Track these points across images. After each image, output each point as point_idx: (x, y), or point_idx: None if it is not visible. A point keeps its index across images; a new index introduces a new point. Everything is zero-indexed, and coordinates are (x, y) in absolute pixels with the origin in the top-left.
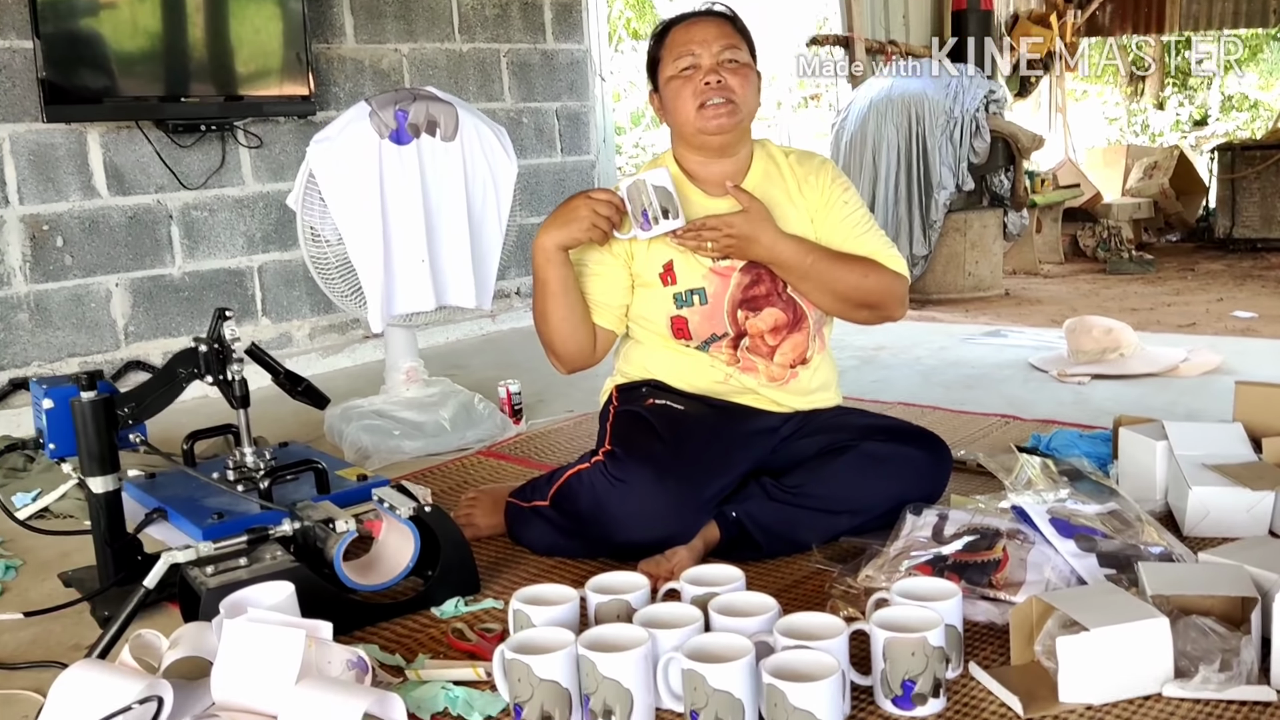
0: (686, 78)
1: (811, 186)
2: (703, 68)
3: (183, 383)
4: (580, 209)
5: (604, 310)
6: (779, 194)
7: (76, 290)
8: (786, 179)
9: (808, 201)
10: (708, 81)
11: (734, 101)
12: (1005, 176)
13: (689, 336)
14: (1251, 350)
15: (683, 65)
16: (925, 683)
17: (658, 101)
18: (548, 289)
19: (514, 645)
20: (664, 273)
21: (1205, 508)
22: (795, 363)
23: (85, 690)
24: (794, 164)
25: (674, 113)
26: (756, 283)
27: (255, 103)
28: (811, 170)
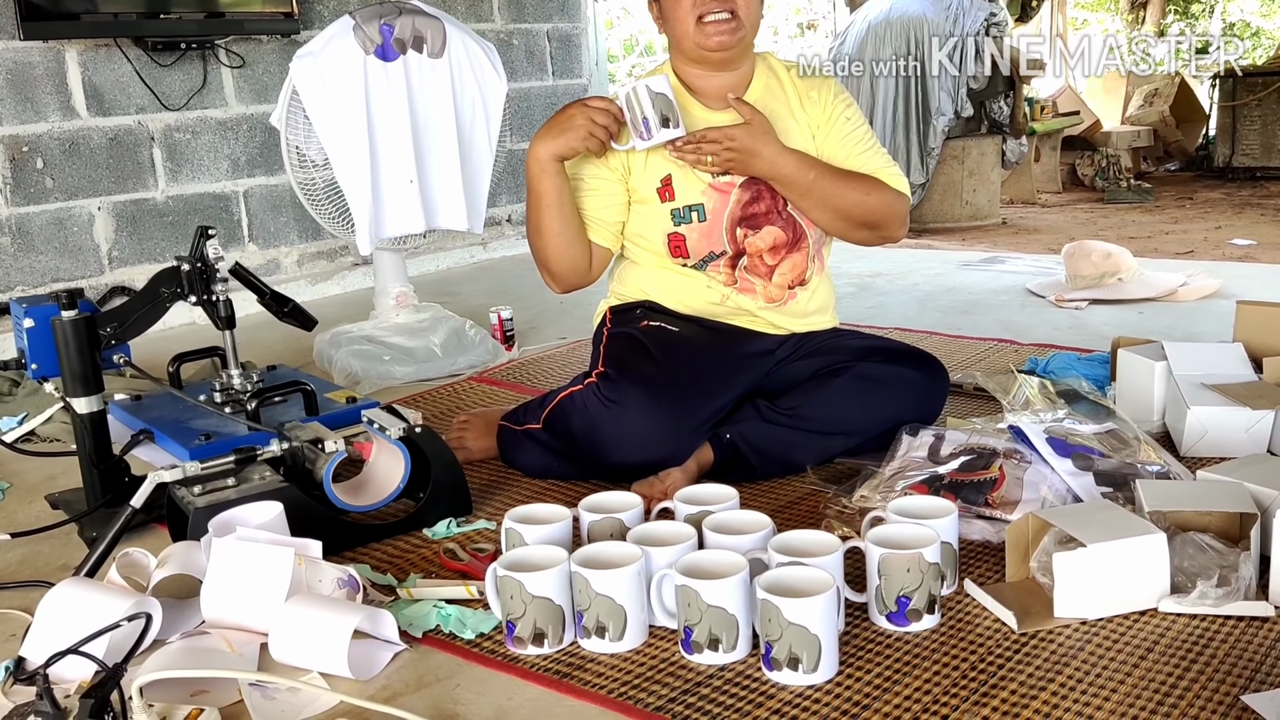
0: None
1: (814, 102)
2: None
3: (166, 302)
4: (576, 117)
5: (600, 227)
6: (780, 108)
7: (58, 214)
8: (789, 93)
9: (809, 117)
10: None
11: (737, 15)
12: (1004, 103)
13: (686, 255)
14: (1250, 275)
15: None
16: (920, 599)
17: (656, 10)
18: (542, 201)
19: (506, 563)
20: (661, 188)
21: (1203, 427)
22: (794, 283)
23: (73, 607)
24: (796, 78)
25: (673, 24)
26: (756, 199)
27: (236, 19)
28: (814, 85)
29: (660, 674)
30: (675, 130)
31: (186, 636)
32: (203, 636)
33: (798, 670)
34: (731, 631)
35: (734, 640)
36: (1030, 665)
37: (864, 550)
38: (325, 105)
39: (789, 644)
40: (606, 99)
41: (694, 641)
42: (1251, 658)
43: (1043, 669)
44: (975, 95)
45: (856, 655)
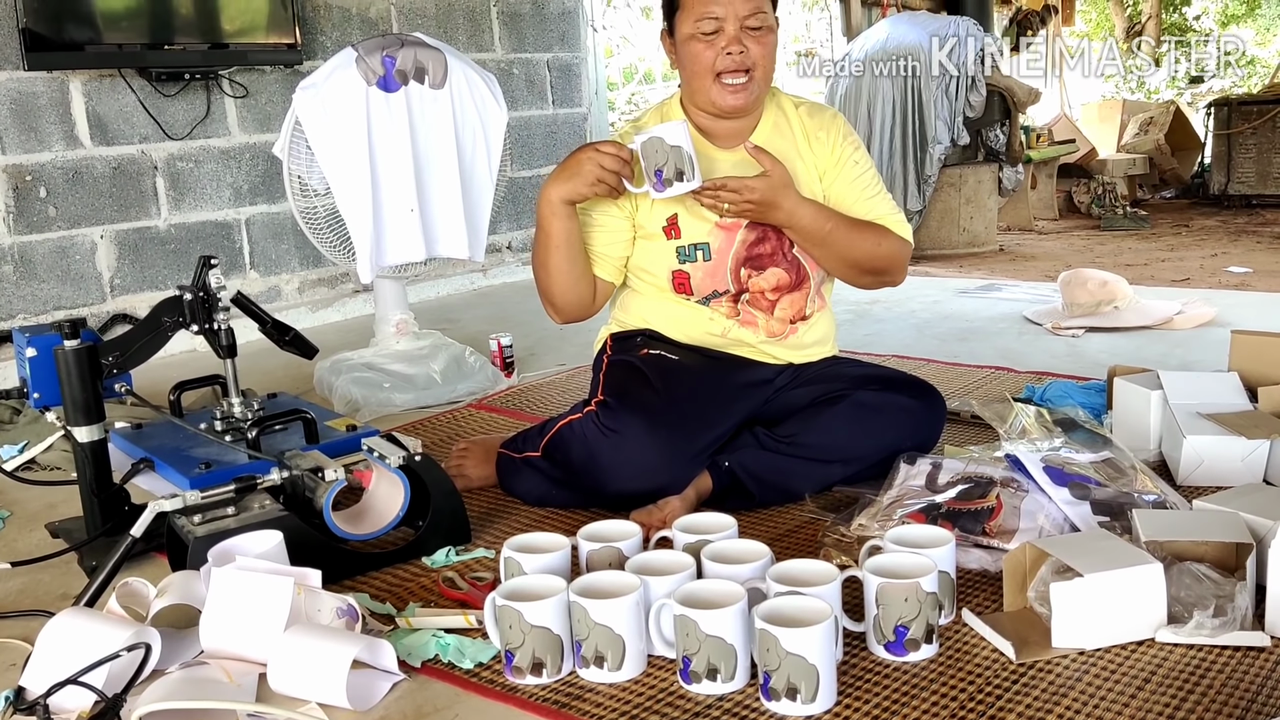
0: (707, 42)
1: (822, 143)
2: (725, 33)
3: (168, 331)
4: (585, 164)
5: (604, 262)
6: (788, 147)
7: (61, 242)
8: (796, 132)
9: (816, 157)
10: (729, 51)
11: (754, 75)
12: (1001, 131)
13: (690, 292)
14: (1246, 303)
15: (704, 28)
16: (918, 628)
17: (670, 46)
18: (550, 241)
19: (505, 592)
20: (668, 226)
21: (1199, 456)
22: (795, 319)
23: (72, 637)
24: (804, 116)
25: (689, 74)
26: (762, 240)
27: (240, 51)
28: (822, 125)
29: (659, 704)
30: (690, 184)
31: (185, 666)
32: (201, 666)
33: (796, 700)
34: (730, 661)
35: (732, 670)
36: (1029, 696)
37: (862, 579)
38: (327, 135)
39: (787, 674)
40: (617, 144)
41: (692, 671)
42: (1248, 688)
43: (1041, 699)
44: (972, 123)
45: (855, 685)
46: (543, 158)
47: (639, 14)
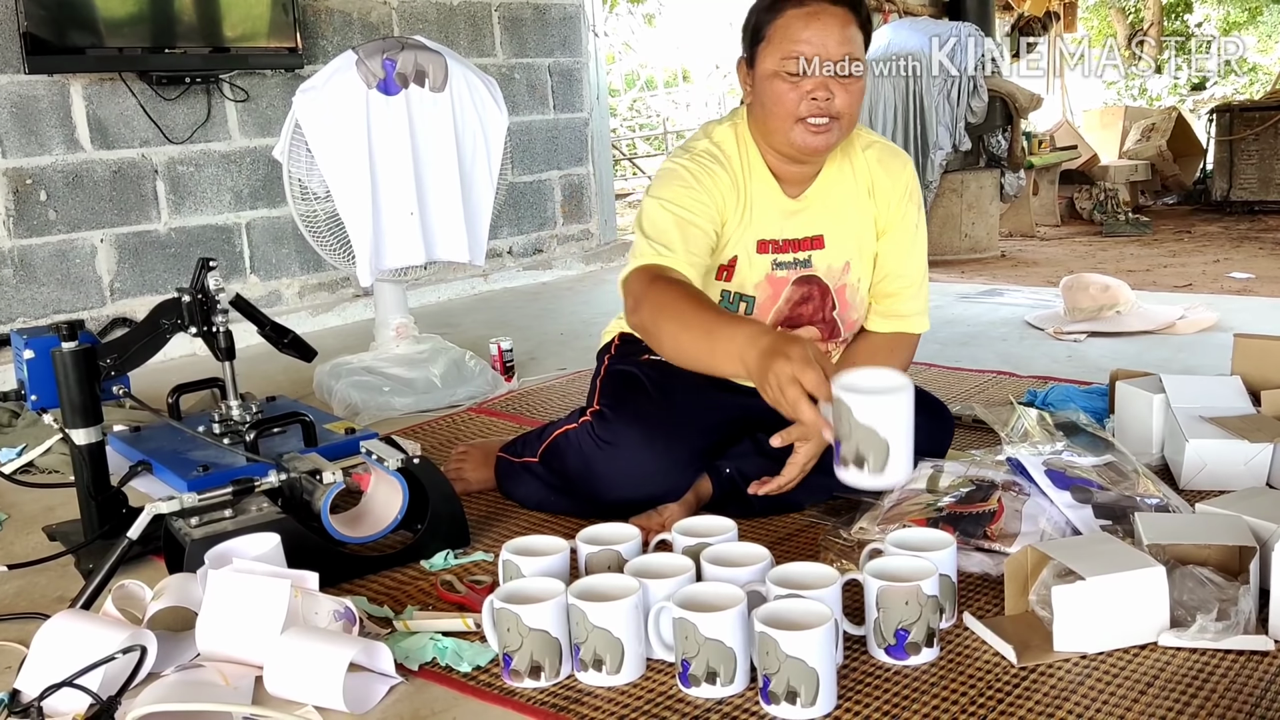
0: (792, 83)
1: (885, 195)
2: (813, 76)
3: (166, 334)
4: (783, 375)
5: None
6: (846, 196)
7: (61, 246)
8: (859, 181)
9: (877, 208)
10: (814, 96)
11: (838, 121)
12: (1002, 137)
13: None
14: (1248, 308)
15: (790, 68)
16: (919, 632)
17: (747, 76)
18: (695, 360)
19: (503, 595)
20: (726, 266)
21: (1202, 460)
22: None
23: (68, 640)
24: (873, 163)
25: (768, 113)
26: (806, 300)
27: (241, 55)
28: (889, 174)
29: (658, 707)
30: (869, 477)
31: (181, 669)
32: (198, 669)
33: (796, 704)
34: (729, 664)
35: (732, 673)
36: (1030, 700)
37: (862, 583)
38: (328, 138)
39: (787, 677)
40: (823, 378)
41: (691, 674)
42: (1251, 692)
43: (1043, 703)
44: (973, 129)
45: (855, 689)
46: (544, 162)
47: (641, 21)
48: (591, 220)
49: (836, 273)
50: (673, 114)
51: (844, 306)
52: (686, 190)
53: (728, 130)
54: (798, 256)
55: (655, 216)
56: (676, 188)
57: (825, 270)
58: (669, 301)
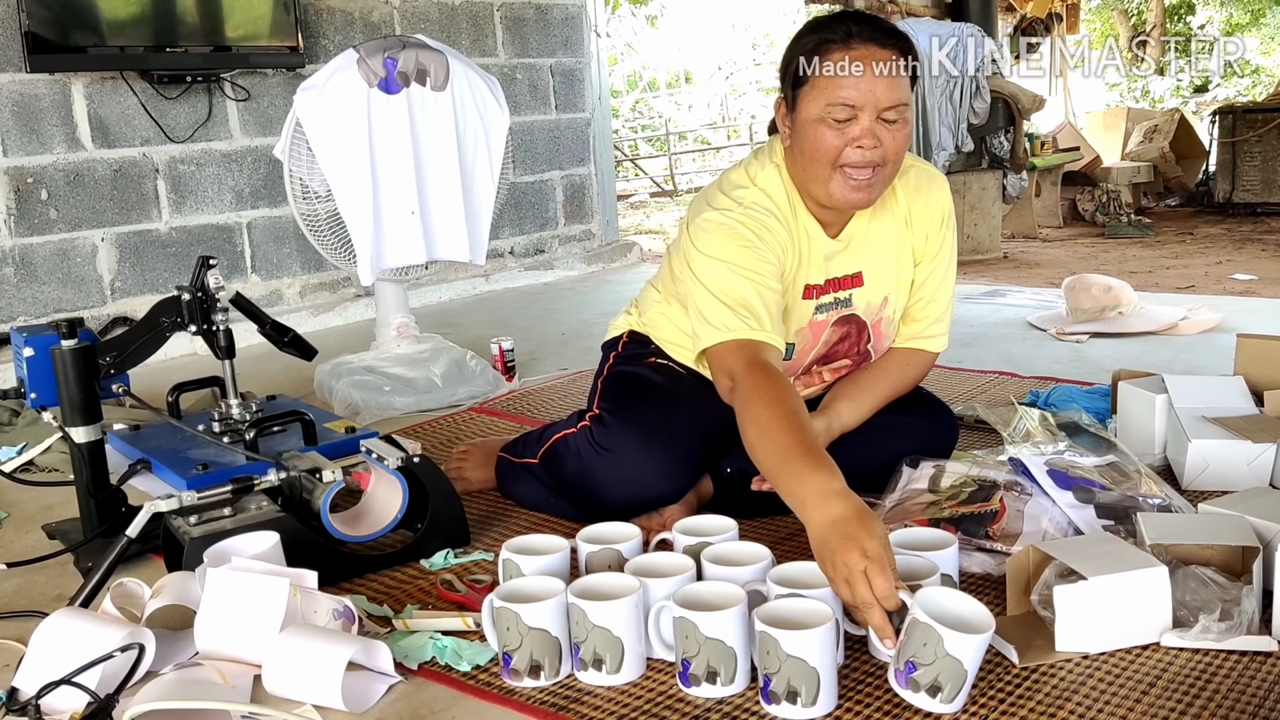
0: (837, 130)
1: (922, 224)
2: (859, 123)
3: (166, 332)
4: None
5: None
6: (885, 227)
7: (62, 244)
8: (899, 212)
9: (914, 236)
10: (860, 145)
11: (882, 171)
12: (1005, 138)
13: None
14: (1251, 309)
15: (836, 115)
16: None
17: (786, 118)
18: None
19: (503, 594)
20: (806, 293)
21: (1205, 460)
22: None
23: (66, 638)
24: (911, 190)
25: (808, 160)
26: (844, 340)
27: (242, 54)
28: (928, 202)
29: (658, 707)
30: (940, 704)
31: (180, 668)
32: (196, 668)
33: (796, 703)
34: (730, 664)
35: (732, 673)
36: (1032, 700)
37: None
38: (328, 137)
39: (788, 676)
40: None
41: (692, 674)
42: (1255, 693)
43: (1044, 704)
44: (976, 131)
45: (856, 688)
46: (545, 162)
47: (643, 22)
48: (593, 221)
49: (875, 308)
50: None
51: (879, 338)
52: (752, 251)
53: (772, 175)
54: (839, 296)
55: (728, 283)
56: (739, 249)
57: (864, 307)
58: (760, 408)
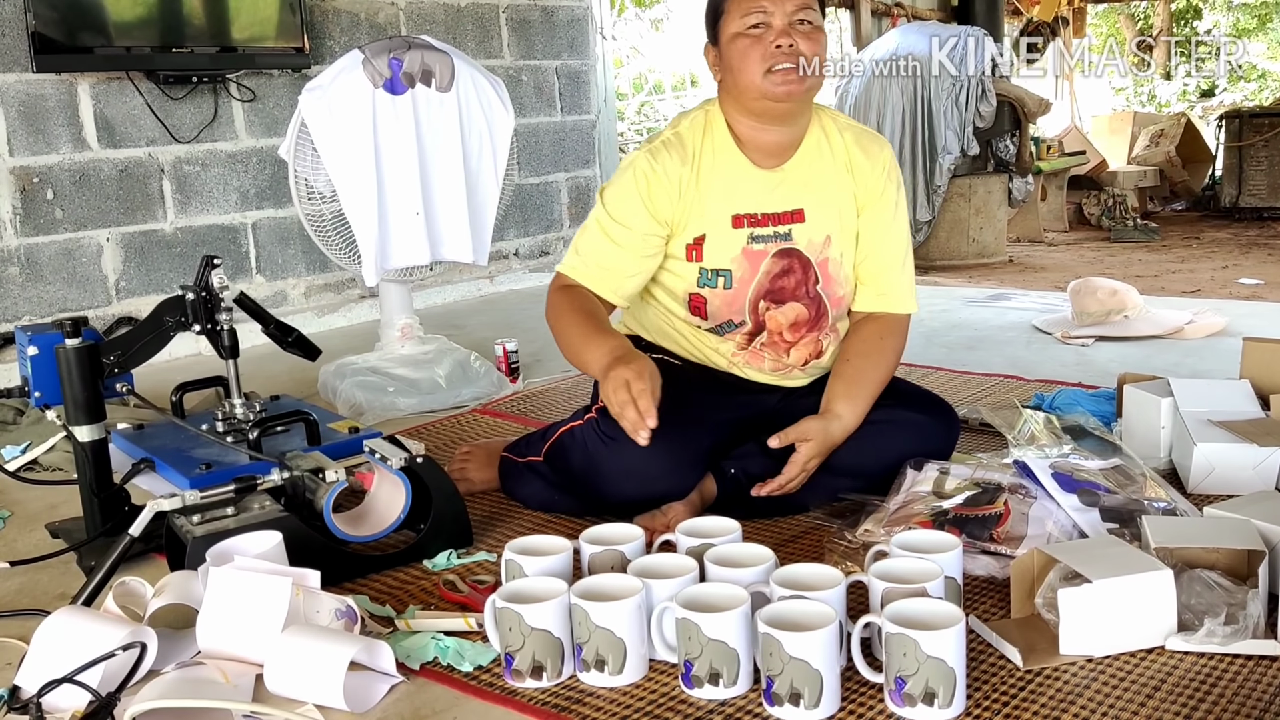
0: (755, 37)
1: (864, 173)
2: (774, 27)
3: (170, 331)
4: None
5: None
6: (826, 169)
7: (67, 244)
8: (836, 155)
9: (856, 184)
10: (779, 45)
11: (805, 67)
12: (1010, 141)
13: (704, 316)
14: (1257, 313)
15: (751, 22)
16: None
17: (714, 56)
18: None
19: (506, 594)
20: (693, 245)
21: (1210, 464)
22: (809, 359)
23: (68, 636)
24: (850, 143)
25: (737, 73)
26: (787, 273)
27: (248, 54)
28: (867, 154)
29: (660, 708)
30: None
31: (181, 667)
32: (198, 667)
33: (799, 706)
34: (732, 666)
35: (735, 675)
36: (1035, 703)
37: (867, 584)
38: (333, 138)
39: (790, 679)
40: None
41: (694, 676)
42: (1260, 697)
43: (1048, 707)
44: (981, 134)
45: (859, 691)
46: (550, 164)
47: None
48: None
49: (818, 246)
50: None
51: (827, 281)
52: (633, 203)
53: (697, 115)
54: (778, 230)
55: (593, 239)
56: (625, 201)
57: (806, 244)
58: (564, 311)
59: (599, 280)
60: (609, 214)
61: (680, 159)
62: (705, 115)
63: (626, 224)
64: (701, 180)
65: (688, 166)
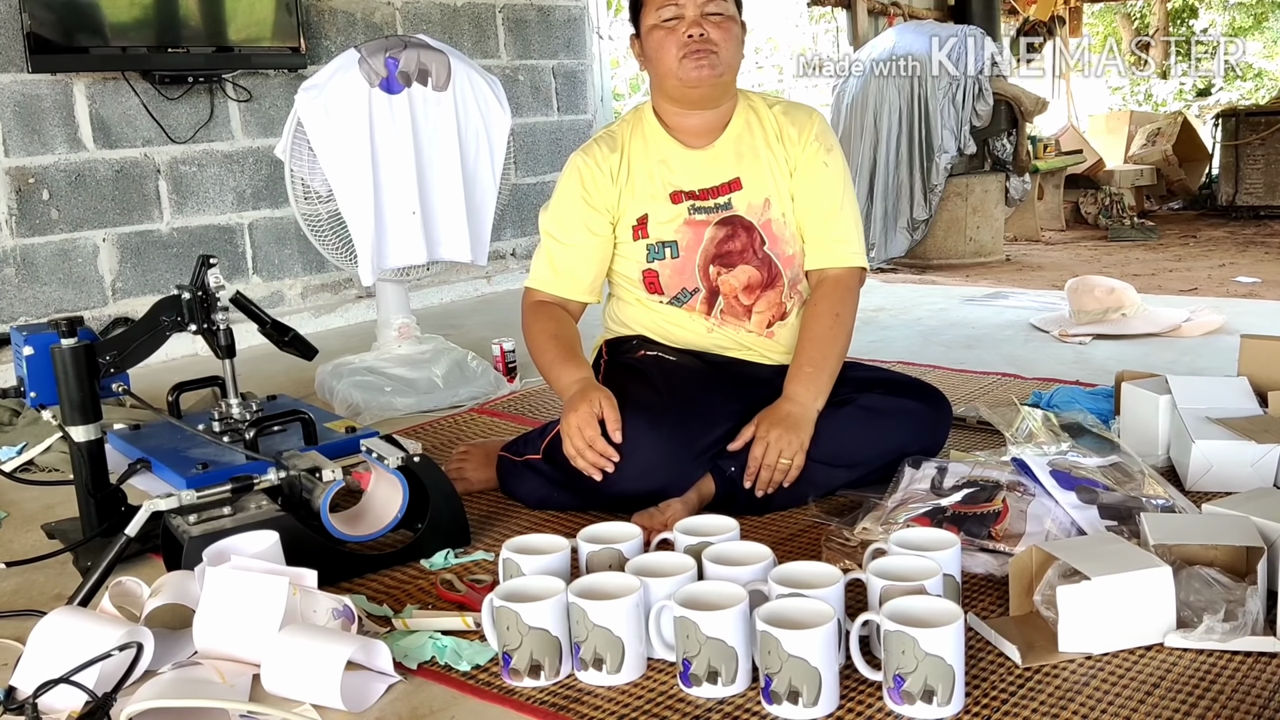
0: (669, 29)
1: (792, 140)
2: (686, 19)
3: (166, 331)
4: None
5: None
6: (757, 142)
7: (63, 245)
8: (766, 127)
9: (786, 151)
10: (690, 34)
11: (716, 54)
12: (1008, 140)
13: (660, 291)
14: (1255, 311)
15: (665, 15)
16: None
17: (638, 47)
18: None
19: (503, 593)
20: (637, 225)
21: (1208, 461)
22: (773, 320)
23: (64, 637)
24: (778, 114)
25: (655, 63)
26: (731, 238)
27: (244, 54)
28: (794, 122)
29: (658, 707)
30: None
31: (178, 666)
32: (194, 667)
33: (798, 704)
34: (731, 664)
35: (733, 673)
36: (1035, 700)
37: (865, 582)
38: (330, 137)
39: (789, 677)
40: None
41: (693, 674)
42: (1260, 694)
43: (1048, 704)
44: (978, 133)
45: (857, 689)
46: (547, 164)
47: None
48: None
49: (758, 209)
50: None
51: (774, 241)
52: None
53: (628, 114)
54: (717, 202)
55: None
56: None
57: (747, 208)
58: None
59: (564, 286)
60: (554, 220)
61: (610, 148)
62: (635, 112)
63: (571, 224)
64: (633, 164)
65: (617, 154)
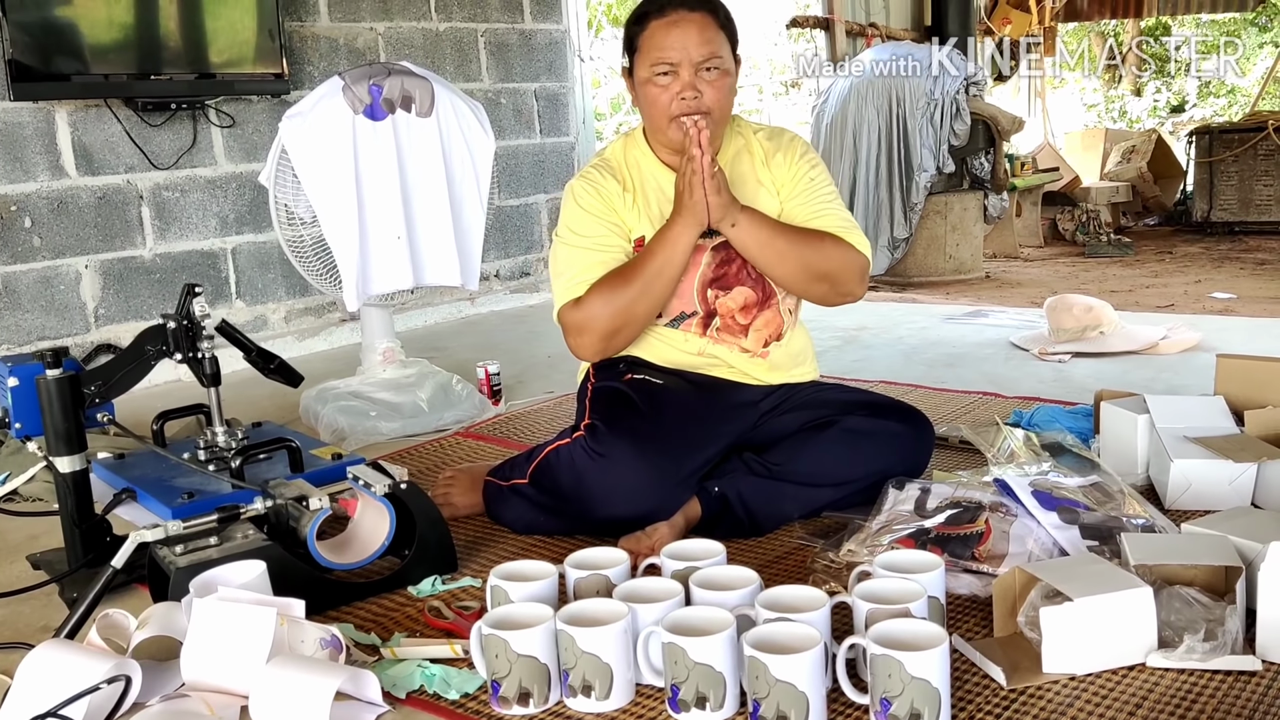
0: (663, 86)
1: (779, 163)
2: (680, 78)
3: (151, 360)
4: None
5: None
6: (746, 171)
7: (45, 272)
8: (755, 155)
9: (774, 176)
10: (683, 96)
11: (709, 117)
12: (985, 159)
13: (660, 313)
14: (1230, 327)
15: (659, 71)
16: None
17: (631, 85)
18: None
19: (492, 621)
20: (635, 246)
21: (1187, 480)
22: (769, 340)
23: (52, 670)
24: (763, 141)
25: (647, 115)
26: (728, 262)
27: (227, 81)
28: (780, 146)
29: None
30: None
31: (166, 699)
32: (183, 699)
33: None
34: (719, 689)
35: (721, 698)
36: None
37: (851, 605)
38: (314, 164)
39: (777, 701)
40: None
41: (681, 700)
42: (1240, 712)
43: None
44: (956, 152)
45: (845, 712)
46: (530, 186)
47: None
48: None
49: None
50: None
51: None
52: (592, 216)
53: (618, 143)
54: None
55: (570, 259)
56: (583, 216)
57: None
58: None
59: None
60: (571, 232)
61: (609, 174)
62: (625, 139)
63: (590, 230)
64: (632, 190)
65: (616, 180)
